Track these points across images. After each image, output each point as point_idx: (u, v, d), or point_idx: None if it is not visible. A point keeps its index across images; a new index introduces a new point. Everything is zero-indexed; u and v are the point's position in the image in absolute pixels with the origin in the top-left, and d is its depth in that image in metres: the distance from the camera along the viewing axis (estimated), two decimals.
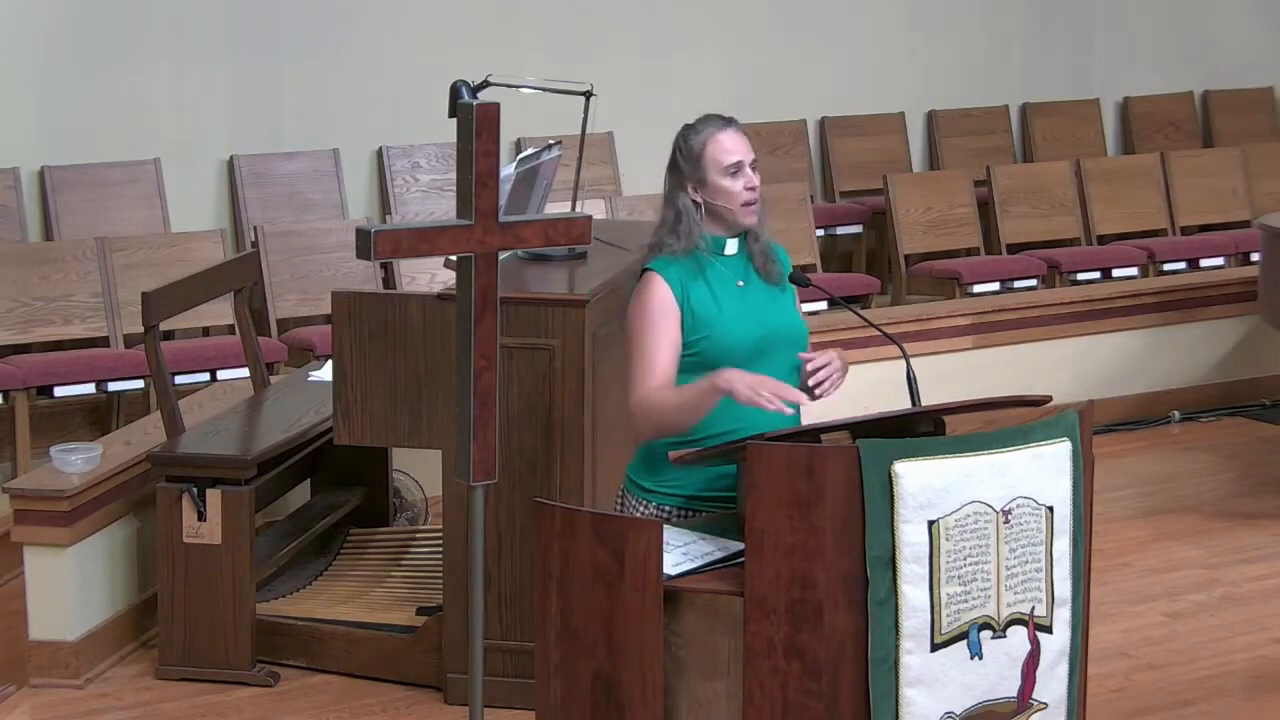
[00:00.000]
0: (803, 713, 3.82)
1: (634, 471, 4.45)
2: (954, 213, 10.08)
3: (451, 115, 5.91)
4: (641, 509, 4.39)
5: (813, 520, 3.80)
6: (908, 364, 4.39)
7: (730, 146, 4.38)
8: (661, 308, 4.35)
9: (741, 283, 4.42)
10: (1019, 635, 3.97)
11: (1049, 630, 4.02)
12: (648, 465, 4.41)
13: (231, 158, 9.01)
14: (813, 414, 4.45)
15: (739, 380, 4.18)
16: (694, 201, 4.39)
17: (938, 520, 3.83)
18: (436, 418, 5.65)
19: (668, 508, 4.36)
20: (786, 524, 3.81)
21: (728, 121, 4.43)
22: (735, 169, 4.37)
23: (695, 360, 4.34)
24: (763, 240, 4.45)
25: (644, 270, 4.41)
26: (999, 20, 11.04)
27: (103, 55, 8.68)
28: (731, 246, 4.43)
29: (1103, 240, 10.52)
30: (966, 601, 3.88)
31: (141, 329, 6.28)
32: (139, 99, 8.77)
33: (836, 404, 4.57)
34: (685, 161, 4.39)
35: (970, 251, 10.10)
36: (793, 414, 4.30)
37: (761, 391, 4.15)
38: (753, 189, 4.39)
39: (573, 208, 6.65)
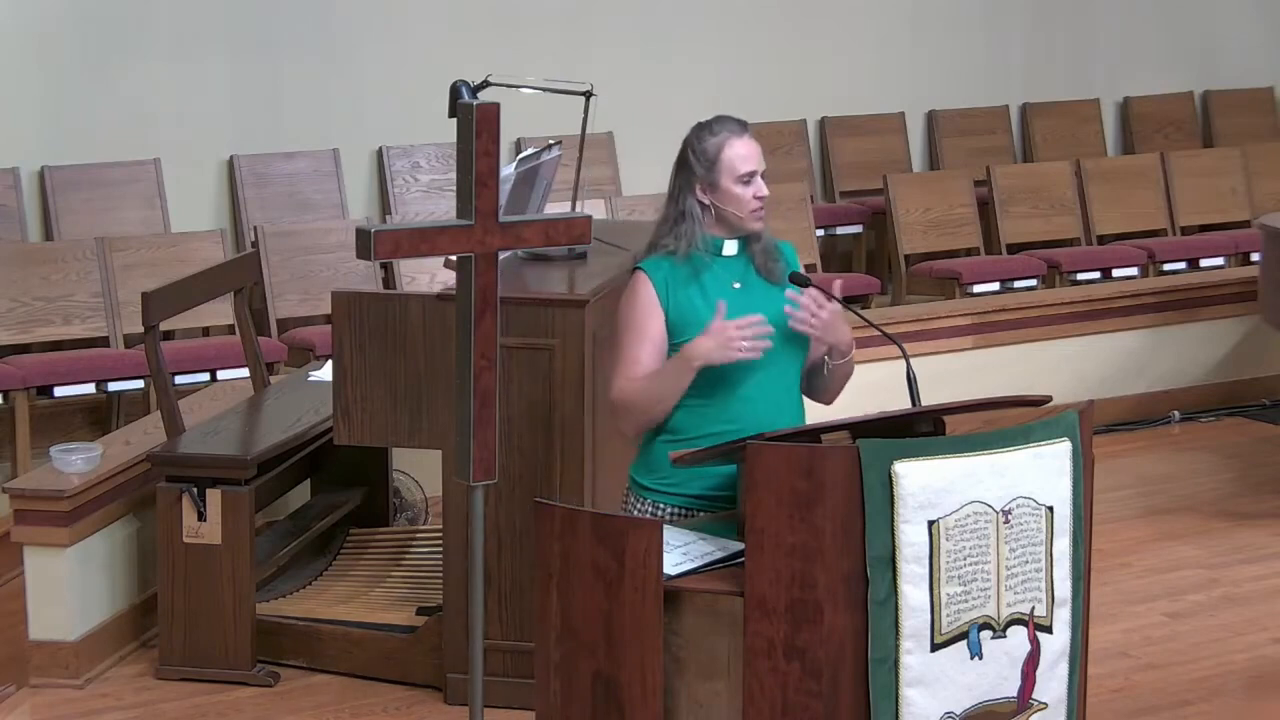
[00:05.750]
0: (802, 713, 3.82)
1: (635, 470, 4.45)
2: (954, 213, 10.07)
3: (451, 115, 5.91)
4: (639, 508, 4.39)
5: (813, 520, 3.80)
6: (908, 364, 4.39)
7: (746, 154, 4.36)
8: (645, 306, 4.35)
9: (738, 284, 4.41)
10: (1019, 635, 3.97)
11: (1049, 630, 4.02)
12: (646, 464, 4.41)
13: (231, 158, 9.01)
14: (813, 414, 4.46)
15: (707, 348, 4.20)
16: (701, 203, 4.38)
17: (938, 520, 3.83)
18: (436, 418, 5.65)
19: (664, 506, 4.36)
20: (786, 524, 3.81)
21: (744, 126, 4.39)
22: (749, 178, 4.36)
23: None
24: (765, 240, 4.44)
25: (635, 268, 4.42)
26: (999, 20, 11.03)
27: (103, 55, 8.68)
28: (730, 248, 4.42)
29: (1103, 240, 10.51)
30: (966, 601, 3.88)
31: (141, 329, 6.28)
32: (139, 99, 8.76)
33: (836, 404, 4.57)
34: (698, 163, 4.36)
35: (970, 251, 10.10)
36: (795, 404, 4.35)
37: (733, 346, 4.18)
38: (762, 198, 4.38)
39: (573, 208, 6.65)
